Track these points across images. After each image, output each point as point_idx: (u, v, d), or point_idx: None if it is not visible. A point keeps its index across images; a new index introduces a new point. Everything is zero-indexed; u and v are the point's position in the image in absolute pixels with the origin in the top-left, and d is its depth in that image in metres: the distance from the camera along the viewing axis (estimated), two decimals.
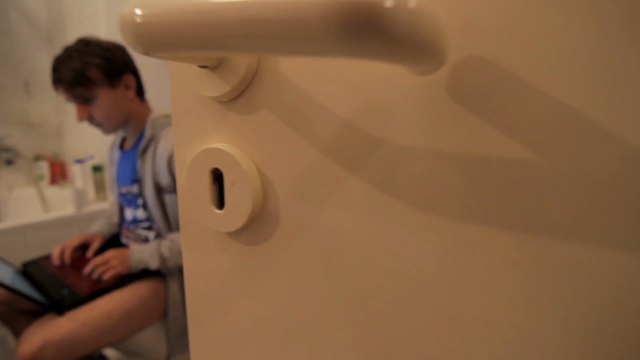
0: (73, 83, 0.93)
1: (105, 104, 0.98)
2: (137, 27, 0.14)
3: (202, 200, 0.21)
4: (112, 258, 1.01)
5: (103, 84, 0.96)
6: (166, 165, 1.02)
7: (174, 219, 1.07)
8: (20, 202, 1.85)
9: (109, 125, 1.03)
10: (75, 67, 0.92)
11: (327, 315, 0.20)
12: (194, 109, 0.22)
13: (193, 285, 0.26)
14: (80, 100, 0.97)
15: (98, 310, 0.92)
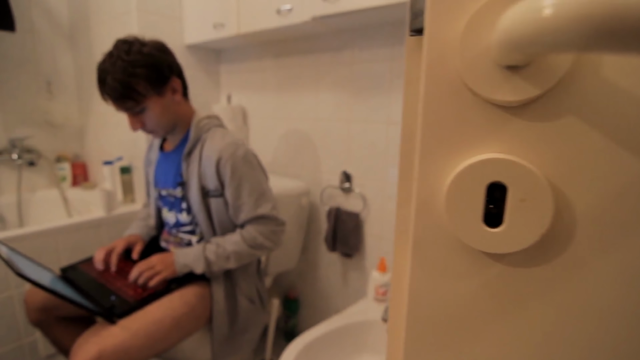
0: (121, 97, 0.90)
1: (155, 113, 0.96)
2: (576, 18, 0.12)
3: (471, 216, 0.19)
4: (157, 263, 0.99)
5: (151, 94, 0.94)
6: (214, 168, 0.99)
7: (218, 223, 1.05)
8: (42, 204, 1.81)
9: (161, 131, 1.01)
10: (122, 80, 0.89)
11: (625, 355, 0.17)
12: (458, 113, 0.19)
13: (420, 308, 0.23)
14: (130, 111, 0.95)
15: (150, 317, 0.89)
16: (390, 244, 1.24)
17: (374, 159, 1.24)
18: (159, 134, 1.02)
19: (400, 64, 1.13)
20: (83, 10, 1.73)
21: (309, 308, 1.57)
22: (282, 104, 1.48)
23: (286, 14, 1.15)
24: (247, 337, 1.13)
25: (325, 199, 1.39)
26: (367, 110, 1.23)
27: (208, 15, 1.40)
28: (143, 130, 0.99)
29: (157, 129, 0.99)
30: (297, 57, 1.39)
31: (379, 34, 1.16)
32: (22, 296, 1.29)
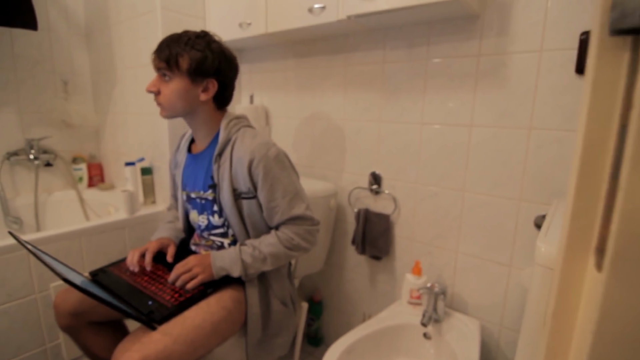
0: (163, 58, 0.94)
1: (175, 90, 0.96)
2: None
3: None
4: (195, 265, 0.96)
5: (184, 74, 0.95)
6: (246, 170, 0.97)
7: (251, 224, 1.02)
8: (59, 206, 1.79)
9: (166, 109, 0.99)
10: (176, 47, 0.94)
11: None
12: None
13: (614, 323, 0.21)
14: (161, 72, 0.97)
15: (189, 323, 0.87)
16: (424, 247, 1.23)
17: (405, 160, 1.22)
18: (165, 109, 1.00)
19: (437, 63, 1.11)
20: (101, 9, 1.70)
21: (333, 311, 1.55)
22: (306, 104, 1.46)
23: (319, 13, 1.13)
24: (279, 341, 1.11)
25: (353, 201, 1.37)
26: (399, 111, 1.21)
27: (233, 14, 1.38)
28: (155, 96, 0.98)
29: (167, 104, 0.98)
30: (324, 57, 1.37)
31: (412, 33, 1.15)
32: (46, 300, 1.26)
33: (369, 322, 1.10)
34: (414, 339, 1.10)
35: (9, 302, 1.18)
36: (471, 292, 1.15)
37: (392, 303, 1.34)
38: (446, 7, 0.95)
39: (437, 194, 1.17)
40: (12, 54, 1.64)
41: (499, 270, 1.09)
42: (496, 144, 1.04)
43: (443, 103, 1.12)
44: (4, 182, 1.64)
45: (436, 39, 1.10)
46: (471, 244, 1.13)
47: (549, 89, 0.95)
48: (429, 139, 1.16)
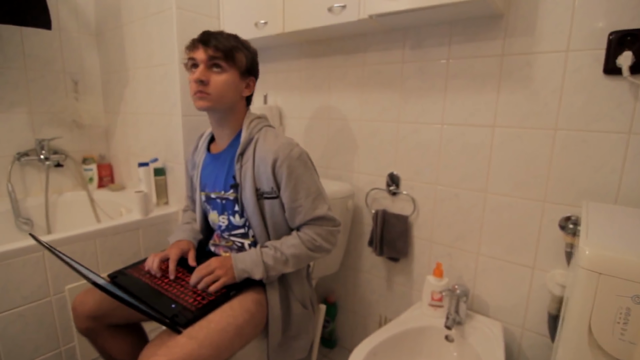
0: (221, 49, 0.94)
1: (226, 81, 0.96)
2: None
3: None
4: (217, 267, 0.95)
5: (238, 69, 0.98)
6: (270, 169, 0.96)
7: (272, 225, 1.01)
8: (69, 207, 1.77)
9: (213, 99, 0.96)
10: (232, 43, 0.96)
11: None
12: None
13: None
14: (212, 62, 0.94)
15: (214, 326, 0.86)
16: (444, 248, 1.21)
17: (425, 161, 1.21)
18: (211, 100, 0.96)
19: (459, 63, 1.10)
20: (112, 8, 1.69)
21: (347, 313, 1.54)
22: (321, 104, 1.44)
23: (339, 12, 1.12)
24: (299, 344, 1.10)
25: (369, 202, 1.36)
26: (418, 111, 1.20)
27: (249, 13, 1.37)
28: (201, 85, 0.94)
29: (216, 94, 0.95)
30: (340, 56, 1.35)
31: (433, 33, 1.13)
32: (61, 302, 1.25)
33: (391, 325, 1.09)
34: (436, 341, 1.09)
35: (24, 305, 1.17)
36: (492, 294, 1.14)
37: (409, 305, 1.33)
38: (472, 6, 0.94)
39: (458, 195, 1.16)
40: (23, 53, 1.63)
41: (521, 272, 1.08)
42: (520, 145, 1.03)
43: (465, 103, 1.11)
44: (14, 182, 1.62)
45: (458, 38, 1.09)
46: (493, 246, 1.12)
47: (576, 89, 0.94)
48: (449, 139, 1.15)
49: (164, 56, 1.43)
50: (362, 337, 1.50)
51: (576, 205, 0.97)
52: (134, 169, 1.79)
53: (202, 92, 0.95)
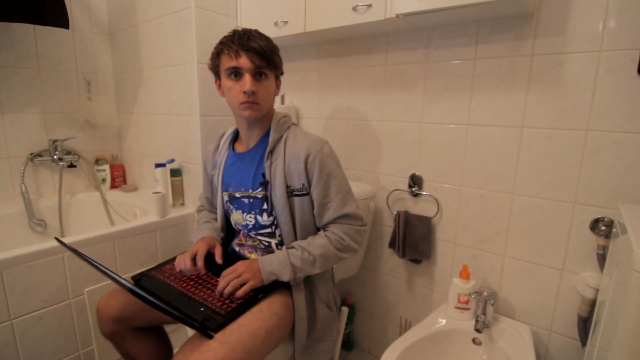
0: (265, 56, 0.93)
1: (269, 87, 0.98)
2: None
3: None
4: (245, 271, 0.93)
5: (275, 72, 0.99)
6: (302, 166, 0.95)
7: (300, 224, 1.00)
8: (82, 208, 1.75)
9: (263, 108, 0.97)
10: (270, 46, 0.95)
11: None
12: None
13: None
14: (258, 70, 0.94)
15: (244, 330, 0.84)
16: (468, 250, 1.20)
17: (449, 162, 1.20)
18: (261, 109, 0.97)
19: (486, 62, 1.09)
20: (127, 8, 1.67)
21: (366, 315, 1.52)
22: (340, 105, 1.43)
23: (364, 11, 1.11)
24: (323, 346, 1.08)
25: (390, 203, 1.34)
26: (443, 112, 1.19)
27: (268, 12, 1.35)
28: (252, 96, 0.93)
29: (264, 104, 0.97)
30: (361, 56, 1.34)
31: (459, 32, 1.12)
32: (80, 305, 1.23)
33: (417, 327, 1.08)
34: (464, 344, 1.08)
35: (44, 308, 1.15)
36: (519, 296, 1.13)
37: (431, 307, 1.32)
38: (503, 5, 0.93)
39: (484, 196, 1.14)
40: (36, 53, 1.61)
41: (550, 274, 1.07)
42: (550, 146, 1.02)
43: (491, 104, 1.10)
44: (27, 183, 1.60)
45: (486, 37, 1.08)
46: (520, 248, 1.10)
47: (609, 89, 0.92)
48: (475, 140, 1.14)
49: (182, 56, 1.42)
50: (381, 340, 1.50)
51: (608, 207, 0.96)
52: (147, 170, 1.78)
53: (252, 103, 0.94)
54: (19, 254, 1.09)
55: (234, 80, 0.95)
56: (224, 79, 0.98)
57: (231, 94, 0.97)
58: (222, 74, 0.98)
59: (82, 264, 1.22)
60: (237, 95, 0.95)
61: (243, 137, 1.06)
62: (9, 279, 1.07)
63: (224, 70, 0.96)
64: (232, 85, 0.95)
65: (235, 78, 0.95)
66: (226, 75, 0.96)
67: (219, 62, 0.98)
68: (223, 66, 0.96)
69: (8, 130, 1.57)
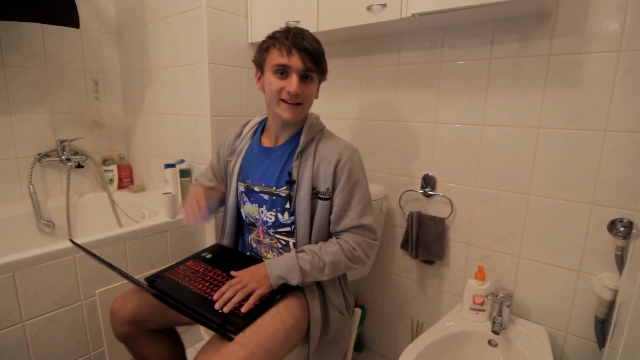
0: (316, 59, 0.92)
1: (314, 90, 0.97)
2: None
3: None
4: (250, 280, 0.90)
5: (320, 77, 0.98)
6: (332, 170, 0.94)
7: (317, 227, 0.99)
8: (90, 208, 1.74)
9: (305, 110, 0.98)
10: (320, 49, 0.94)
11: None
12: None
13: None
14: (305, 71, 0.92)
15: (264, 332, 0.83)
16: (482, 251, 1.20)
17: (463, 163, 1.19)
18: (302, 112, 0.97)
19: (502, 62, 1.08)
20: (135, 7, 1.66)
21: (376, 316, 1.52)
22: (351, 105, 1.42)
23: (379, 11, 1.10)
24: (335, 349, 1.07)
25: (402, 203, 1.34)
26: (457, 112, 1.18)
27: (280, 12, 1.34)
28: (295, 97, 0.93)
29: (307, 106, 0.97)
30: (373, 56, 1.33)
31: (474, 32, 1.12)
32: (91, 307, 1.22)
33: (433, 329, 1.07)
34: (479, 346, 1.07)
35: (55, 310, 1.14)
36: (534, 297, 1.12)
37: (443, 308, 1.31)
38: (522, 5, 0.92)
39: (498, 197, 1.14)
40: (44, 53, 1.60)
41: (566, 276, 1.06)
42: (567, 146, 1.01)
43: (507, 104, 1.09)
44: (35, 184, 1.59)
45: (501, 37, 1.08)
46: (536, 248, 1.10)
47: (628, 90, 0.92)
48: (490, 140, 1.13)
49: (192, 56, 1.41)
50: (391, 341, 1.49)
51: (626, 208, 0.95)
52: (154, 170, 1.77)
53: (295, 105, 0.93)
54: (31, 255, 1.08)
55: (279, 77, 0.93)
56: (268, 74, 0.95)
57: (272, 89, 0.94)
58: (267, 69, 0.95)
59: (93, 265, 1.21)
60: (277, 92, 0.93)
61: (273, 132, 1.04)
62: (21, 280, 1.06)
63: (270, 66, 0.93)
64: (275, 82, 0.93)
65: (280, 76, 0.92)
66: (272, 71, 0.93)
67: (266, 56, 0.95)
68: (270, 61, 0.93)
69: (16, 130, 1.56)
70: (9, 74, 1.52)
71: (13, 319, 1.06)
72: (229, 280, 0.95)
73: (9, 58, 1.51)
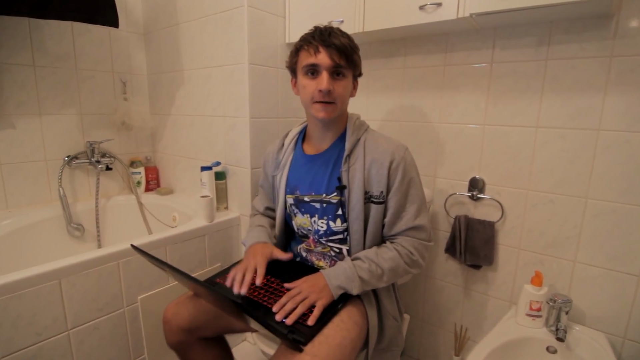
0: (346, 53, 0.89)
1: (346, 87, 0.93)
2: None
3: None
4: (311, 291, 0.87)
5: (354, 71, 0.95)
6: (386, 172, 0.91)
7: (371, 232, 0.96)
8: (118, 211, 1.71)
9: (338, 108, 0.93)
10: (351, 44, 0.91)
11: None
12: None
13: None
14: (335, 68, 0.89)
15: (332, 341, 0.81)
16: (534, 256, 1.17)
17: (515, 165, 1.17)
18: (336, 109, 0.93)
19: (559, 63, 1.06)
20: (165, 7, 1.63)
21: (415, 321, 1.49)
22: (393, 106, 1.40)
23: (432, 10, 1.07)
24: (388, 356, 1.05)
25: (448, 207, 1.31)
26: (509, 113, 1.16)
27: (321, 11, 1.32)
28: (327, 96, 0.90)
29: (340, 103, 0.93)
30: (417, 56, 1.31)
31: (529, 32, 1.09)
32: (133, 313, 1.19)
33: (489, 337, 1.05)
34: (538, 353, 1.05)
35: (99, 317, 1.11)
36: (590, 302, 1.10)
37: (489, 314, 1.29)
38: (586, 6, 0.90)
39: (553, 200, 1.12)
40: (74, 53, 1.57)
41: (625, 281, 1.04)
42: (629, 149, 0.99)
43: (564, 105, 1.07)
44: (64, 187, 1.56)
45: (559, 38, 1.05)
46: (593, 253, 1.08)
47: None
48: (545, 142, 1.11)
49: (231, 56, 1.38)
50: (431, 346, 1.47)
51: None
52: (183, 172, 1.74)
53: (327, 103, 0.91)
54: (77, 261, 1.05)
55: (310, 78, 0.92)
56: (300, 76, 0.94)
57: (306, 91, 0.93)
58: (299, 72, 0.94)
59: (135, 271, 1.18)
60: (311, 93, 0.92)
61: (315, 138, 1.02)
62: (67, 287, 1.03)
63: (301, 68, 0.93)
64: (307, 83, 0.92)
65: (311, 76, 0.91)
66: (303, 72, 0.93)
67: (297, 59, 0.95)
68: (301, 63, 0.93)
69: (45, 132, 1.53)
70: (39, 74, 1.48)
71: (59, 328, 1.03)
72: (283, 289, 0.92)
73: (39, 58, 1.47)
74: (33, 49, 1.45)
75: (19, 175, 1.48)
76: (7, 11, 1.05)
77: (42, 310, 0.99)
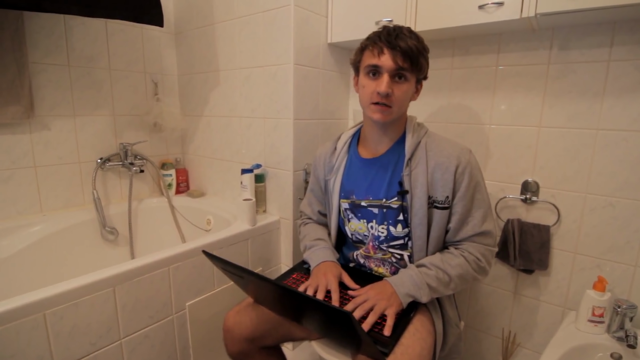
0: (410, 56, 0.85)
1: (407, 91, 0.90)
2: None
3: None
4: (380, 298, 0.84)
5: (416, 75, 0.91)
6: (452, 176, 0.89)
7: (433, 238, 0.94)
8: (150, 214, 1.68)
9: (395, 111, 0.90)
10: (418, 47, 0.87)
11: None
12: None
13: None
14: (397, 71, 0.86)
15: (411, 351, 0.78)
16: (591, 260, 1.15)
17: (572, 168, 1.14)
18: (393, 113, 0.90)
19: (622, 65, 1.04)
20: (198, 6, 1.60)
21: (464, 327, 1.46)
22: (440, 107, 1.37)
23: (493, 10, 1.05)
24: None
25: (498, 210, 1.29)
26: (566, 115, 1.13)
27: (368, 11, 1.29)
28: (385, 98, 0.87)
29: (397, 107, 0.90)
30: (467, 57, 1.28)
31: (590, 32, 1.07)
32: (181, 320, 1.16)
33: (553, 345, 1.02)
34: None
35: (150, 325, 1.08)
36: None
37: (540, 319, 1.27)
38: None
39: (613, 204, 1.09)
40: (107, 53, 1.54)
41: None
42: None
43: (628, 107, 1.05)
44: (97, 189, 1.52)
45: (623, 38, 1.03)
46: None
47: None
48: (605, 145, 1.09)
49: (274, 56, 1.35)
50: (476, 351, 1.44)
51: None
52: (216, 174, 1.71)
53: (385, 106, 0.88)
54: (130, 267, 1.02)
55: (371, 78, 0.89)
56: (361, 75, 0.92)
57: (364, 92, 0.91)
58: (362, 71, 0.92)
59: (184, 277, 1.15)
60: (370, 94, 0.89)
61: (371, 141, 1.00)
62: (121, 295, 1.00)
63: (363, 67, 0.91)
64: (367, 83, 0.90)
65: (372, 77, 0.89)
66: (365, 72, 0.91)
67: (361, 57, 0.92)
68: (364, 63, 0.91)
69: (79, 134, 1.49)
70: (74, 75, 1.45)
71: (112, 337, 1.00)
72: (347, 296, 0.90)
73: (74, 59, 1.44)
74: (68, 49, 1.42)
75: (54, 178, 1.44)
76: (58, 9, 1.02)
77: (96, 319, 0.96)
